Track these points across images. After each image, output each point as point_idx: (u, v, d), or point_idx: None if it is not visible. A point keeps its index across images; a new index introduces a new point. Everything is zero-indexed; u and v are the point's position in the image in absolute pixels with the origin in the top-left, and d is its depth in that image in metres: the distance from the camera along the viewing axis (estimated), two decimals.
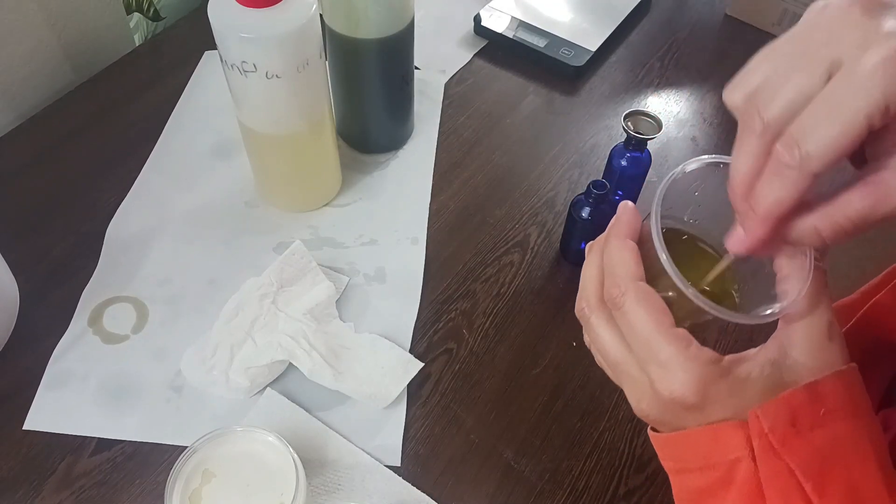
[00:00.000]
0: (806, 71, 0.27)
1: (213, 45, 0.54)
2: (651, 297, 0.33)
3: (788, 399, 0.30)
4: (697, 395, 0.31)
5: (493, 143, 0.73)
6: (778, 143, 0.27)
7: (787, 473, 0.30)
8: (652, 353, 0.32)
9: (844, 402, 0.31)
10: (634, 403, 0.35)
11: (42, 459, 0.52)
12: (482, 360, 0.58)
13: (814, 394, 0.30)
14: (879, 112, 0.25)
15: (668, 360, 0.32)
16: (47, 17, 0.72)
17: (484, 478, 0.52)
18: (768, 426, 0.30)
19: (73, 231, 0.64)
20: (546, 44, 0.79)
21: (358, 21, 0.59)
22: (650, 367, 0.32)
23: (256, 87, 0.54)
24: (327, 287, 0.58)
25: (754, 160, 0.29)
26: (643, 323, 0.32)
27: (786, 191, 0.28)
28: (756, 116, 0.28)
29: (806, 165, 0.27)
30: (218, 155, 0.70)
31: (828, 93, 0.26)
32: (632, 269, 0.33)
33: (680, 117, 0.76)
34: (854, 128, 0.25)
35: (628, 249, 0.34)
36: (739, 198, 0.30)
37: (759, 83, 0.28)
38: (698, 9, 0.87)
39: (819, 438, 0.30)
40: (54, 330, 0.57)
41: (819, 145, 0.26)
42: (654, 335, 0.32)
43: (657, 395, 0.33)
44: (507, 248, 0.65)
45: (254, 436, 0.47)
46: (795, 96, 0.27)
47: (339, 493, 0.50)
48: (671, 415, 0.33)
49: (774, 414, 0.30)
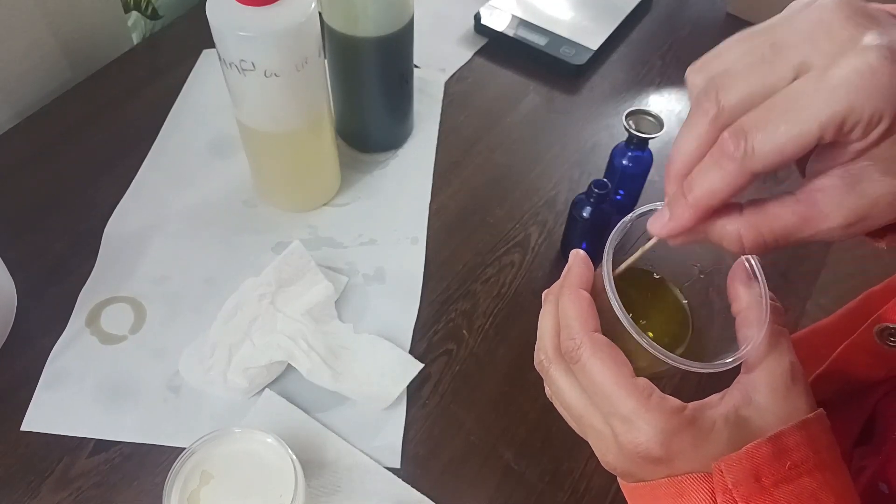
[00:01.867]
0: (774, 65, 0.26)
1: (211, 44, 0.54)
2: (607, 348, 0.32)
3: (752, 452, 0.30)
4: (662, 447, 0.31)
5: (494, 142, 0.72)
6: (726, 131, 0.26)
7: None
8: (613, 407, 0.31)
9: (809, 455, 0.30)
10: (600, 456, 0.34)
11: (39, 460, 0.51)
12: (482, 361, 0.57)
13: (778, 446, 0.30)
14: (834, 125, 0.24)
15: (630, 414, 0.31)
16: (44, 14, 0.71)
17: (484, 479, 0.52)
18: (732, 481, 0.29)
19: (71, 230, 0.64)
20: (547, 42, 0.78)
21: (357, 19, 0.58)
22: (613, 420, 0.32)
23: (255, 85, 0.53)
24: (326, 287, 0.58)
25: (699, 143, 0.27)
26: (601, 376, 0.32)
27: (722, 182, 0.27)
28: (713, 99, 0.27)
29: (748, 161, 0.26)
30: (216, 154, 0.70)
31: (789, 91, 0.25)
32: (586, 321, 0.33)
33: (681, 116, 0.76)
34: (805, 134, 0.24)
35: (582, 300, 0.34)
36: (673, 178, 0.29)
37: (724, 68, 0.27)
38: (699, 7, 0.87)
39: (784, 494, 0.29)
40: (52, 330, 0.57)
41: (766, 143, 0.25)
42: (613, 388, 0.31)
43: (622, 448, 0.32)
44: (508, 247, 0.64)
45: (252, 437, 0.46)
46: (756, 88, 0.26)
47: (339, 495, 0.50)
48: (637, 468, 0.32)
49: (738, 468, 0.30)
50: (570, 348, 0.33)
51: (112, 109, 0.73)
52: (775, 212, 0.27)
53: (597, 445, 0.34)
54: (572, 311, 0.33)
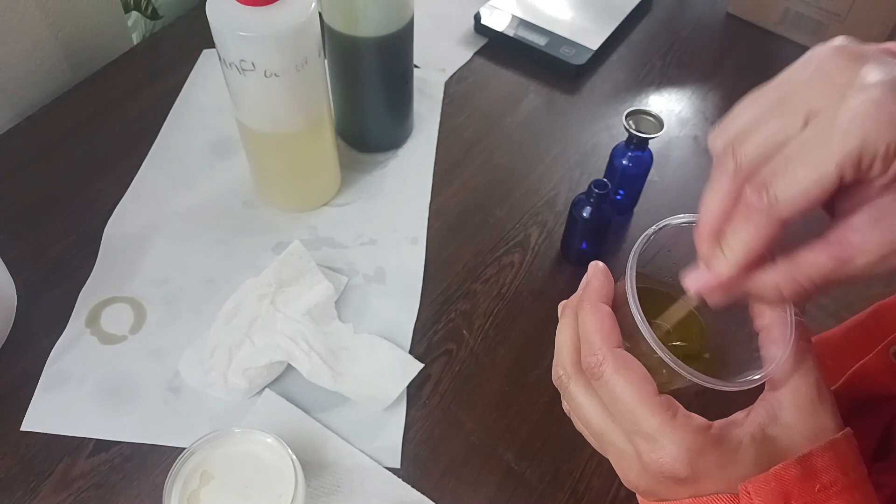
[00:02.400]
0: (784, 117, 0.27)
1: (211, 44, 0.54)
2: (631, 364, 0.31)
3: (780, 474, 0.29)
4: (688, 467, 0.30)
5: (494, 142, 0.72)
6: (747, 186, 0.27)
7: None
8: (637, 425, 0.31)
9: (838, 477, 0.29)
10: (622, 475, 0.34)
11: (40, 461, 0.51)
12: (482, 362, 0.57)
13: (807, 468, 0.29)
14: (851, 162, 0.25)
15: (655, 432, 0.30)
16: (45, 15, 0.71)
17: (484, 480, 0.52)
18: (760, 503, 0.29)
19: (71, 230, 0.64)
20: (547, 42, 0.78)
21: (357, 19, 0.58)
22: (636, 438, 0.31)
23: (255, 85, 0.53)
24: (326, 287, 0.58)
25: (722, 199, 0.28)
26: (625, 393, 0.31)
27: (755, 235, 0.27)
28: (730, 156, 0.28)
29: (774, 210, 0.26)
30: (216, 154, 0.69)
31: (802, 139, 0.26)
32: (608, 336, 0.32)
33: (682, 116, 0.75)
34: (825, 176, 0.25)
35: (603, 314, 0.33)
36: (705, 238, 0.29)
37: (740, 127, 0.28)
38: (700, 7, 0.87)
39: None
40: (52, 330, 0.57)
41: (788, 190, 0.26)
42: (637, 406, 0.31)
43: (645, 467, 0.31)
44: (508, 248, 0.64)
45: (252, 437, 0.46)
46: (771, 140, 0.27)
47: (338, 495, 0.50)
48: (661, 487, 0.32)
49: (766, 490, 0.29)
50: (593, 364, 0.32)
51: (112, 110, 0.73)
52: (809, 258, 0.28)
53: (618, 464, 0.33)
54: (593, 325, 0.33)
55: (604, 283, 0.34)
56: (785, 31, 0.82)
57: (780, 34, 0.83)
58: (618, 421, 0.32)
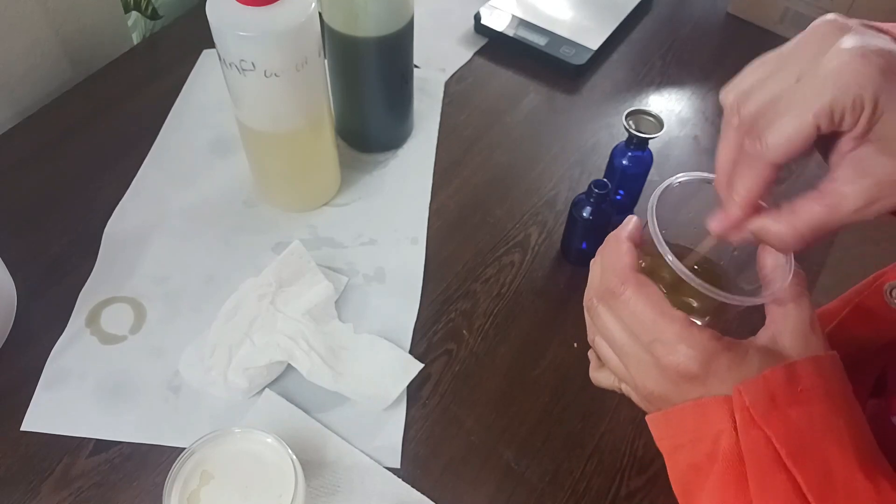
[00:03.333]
0: (781, 77, 0.31)
1: (211, 44, 0.54)
2: (650, 285, 0.36)
3: (768, 377, 0.33)
4: (701, 366, 0.34)
5: (494, 141, 0.72)
6: (746, 137, 0.32)
7: (765, 442, 0.32)
8: (657, 333, 0.35)
9: (819, 383, 0.33)
10: (640, 384, 0.37)
11: (39, 460, 0.51)
12: (482, 361, 0.57)
13: (791, 373, 0.33)
14: (825, 114, 0.29)
15: (674, 338, 0.34)
16: (45, 13, 0.71)
17: (484, 479, 0.52)
18: (749, 400, 0.33)
19: (71, 229, 0.64)
20: (546, 42, 0.78)
21: (357, 19, 0.58)
22: (655, 346, 0.35)
23: (255, 85, 0.53)
24: (326, 287, 0.58)
25: (729, 150, 0.34)
26: (646, 307, 0.35)
27: (753, 179, 0.33)
28: (736, 113, 0.32)
29: (766, 155, 0.31)
30: (216, 153, 0.70)
31: (789, 93, 0.30)
32: (629, 263, 0.37)
33: (682, 116, 0.75)
34: (804, 126, 0.30)
35: (626, 246, 0.37)
36: (721, 186, 0.35)
37: (744, 87, 0.33)
38: (700, 7, 0.87)
39: (795, 414, 0.33)
40: (52, 329, 0.57)
41: (776, 138, 0.31)
42: (657, 317, 0.35)
43: (663, 371, 0.35)
44: (508, 247, 0.64)
45: (252, 437, 0.46)
46: (768, 97, 0.31)
47: (338, 495, 0.50)
48: (674, 388, 0.35)
49: (755, 389, 0.33)
50: (614, 285, 0.36)
51: (112, 109, 0.73)
52: (805, 208, 0.32)
53: (637, 373, 0.37)
54: (615, 255, 0.37)
55: (632, 228, 0.39)
56: (785, 31, 0.82)
57: (780, 34, 0.83)
58: (638, 334, 0.36)
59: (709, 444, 0.34)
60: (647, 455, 0.53)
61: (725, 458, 0.33)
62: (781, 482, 0.31)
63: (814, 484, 0.31)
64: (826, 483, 0.31)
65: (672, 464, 0.37)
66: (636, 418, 0.55)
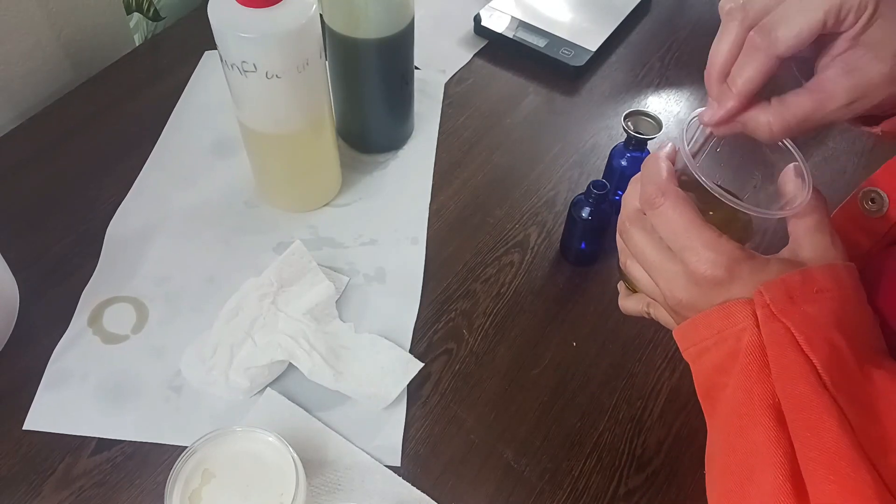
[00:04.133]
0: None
1: (213, 45, 0.54)
2: (687, 199, 0.38)
3: (786, 279, 0.36)
4: (727, 271, 0.36)
5: (493, 142, 0.73)
6: (753, 31, 0.34)
7: (784, 331, 0.34)
8: (689, 240, 0.37)
9: (832, 286, 0.36)
10: (669, 293, 0.39)
11: (41, 459, 0.52)
12: (482, 361, 0.58)
13: (807, 276, 0.36)
14: (834, 11, 0.32)
15: (704, 245, 0.36)
16: (47, 15, 0.71)
17: (484, 478, 0.52)
18: (770, 298, 0.35)
19: (73, 230, 0.64)
20: (546, 44, 0.79)
21: (358, 21, 0.59)
22: (686, 253, 0.37)
23: (256, 86, 0.54)
24: (327, 287, 0.58)
25: (731, 44, 0.36)
26: (681, 217, 0.37)
27: (756, 70, 0.35)
28: (741, 8, 0.35)
29: (773, 48, 0.34)
30: (218, 154, 0.70)
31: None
32: (668, 178, 0.39)
33: (680, 117, 0.76)
34: (815, 21, 0.33)
35: (665, 163, 0.40)
36: (714, 78, 0.37)
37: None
38: (699, 8, 0.87)
39: (811, 310, 0.35)
40: (54, 329, 0.57)
41: (785, 31, 0.33)
42: (690, 226, 0.37)
43: (691, 276, 0.37)
44: (507, 247, 0.65)
45: (254, 436, 0.46)
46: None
47: (339, 494, 0.50)
48: (702, 294, 0.38)
49: (775, 289, 0.35)
50: (653, 195, 0.38)
51: (114, 110, 0.73)
52: (794, 100, 0.35)
53: (666, 285, 0.39)
54: (656, 169, 0.39)
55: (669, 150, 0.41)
56: None
57: None
58: (671, 243, 0.38)
59: (732, 342, 0.36)
60: (646, 454, 0.53)
61: (748, 350, 0.35)
62: (800, 364, 0.34)
63: (827, 365, 0.33)
64: (837, 366, 0.34)
65: (698, 370, 0.39)
66: (635, 417, 0.55)
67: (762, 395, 0.35)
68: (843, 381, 0.34)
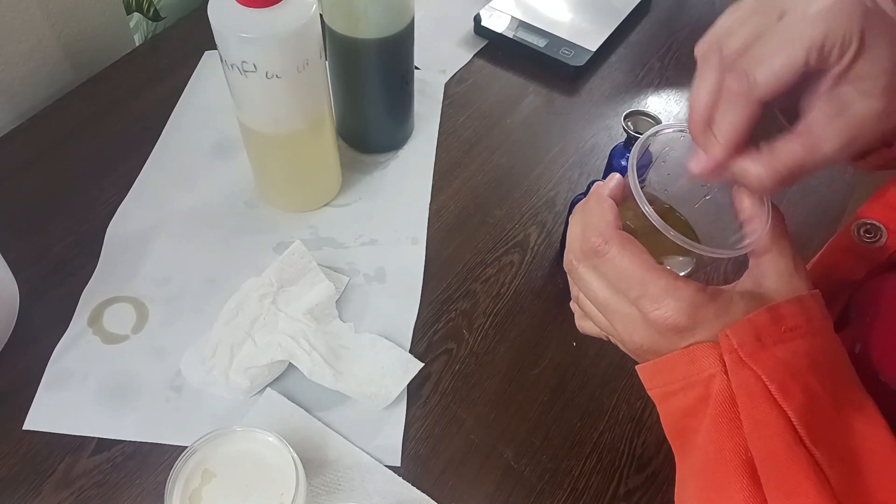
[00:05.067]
0: (762, 15, 0.31)
1: (213, 45, 0.54)
2: (634, 242, 0.36)
3: (753, 319, 0.34)
4: (689, 318, 0.34)
5: (493, 142, 0.73)
6: (728, 75, 0.32)
7: (755, 379, 0.33)
8: (644, 289, 0.35)
9: (802, 323, 0.34)
10: (627, 337, 0.37)
11: (42, 459, 0.52)
12: (482, 361, 0.58)
13: (775, 314, 0.34)
14: (817, 47, 0.29)
15: (661, 292, 0.35)
16: (47, 16, 0.72)
17: (484, 478, 0.52)
18: (737, 342, 0.33)
19: (73, 230, 0.64)
20: (546, 44, 0.79)
21: (358, 21, 0.59)
22: (642, 301, 0.35)
23: (256, 87, 0.54)
24: (327, 287, 0.58)
25: (709, 90, 0.33)
26: (632, 264, 0.35)
27: (739, 117, 0.32)
28: (716, 52, 0.32)
29: (754, 92, 0.31)
30: (218, 154, 0.70)
31: (777, 30, 0.31)
32: (611, 222, 0.37)
33: (680, 117, 0.76)
34: (795, 59, 0.30)
35: (607, 204, 0.38)
36: (698, 126, 0.34)
37: (723, 30, 0.33)
38: (699, 8, 0.87)
39: (781, 352, 0.33)
40: (54, 330, 0.57)
41: (764, 73, 0.31)
42: (644, 273, 0.35)
43: (651, 325, 0.35)
44: (507, 248, 0.65)
45: (254, 436, 0.47)
46: (750, 35, 0.31)
47: (339, 493, 0.50)
48: (663, 340, 0.36)
49: (742, 332, 0.34)
50: (598, 244, 0.36)
51: (114, 111, 0.73)
52: (784, 148, 0.32)
53: (623, 328, 0.37)
54: (598, 213, 0.37)
55: (614, 185, 0.39)
56: None
57: None
58: (623, 291, 0.36)
59: (701, 388, 0.35)
60: (646, 454, 0.53)
61: (717, 400, 0.34)
62: (772, 416, 0.32)
63: (801, 414, 0.32)
64: (812, 413, 0.32)
65: (664, 410, 0.38)
66: (635, 417, 0.55)
67: (734, 449, 0.33)
68: (821, 431, 0.32)
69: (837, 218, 0.68)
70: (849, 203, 0.69)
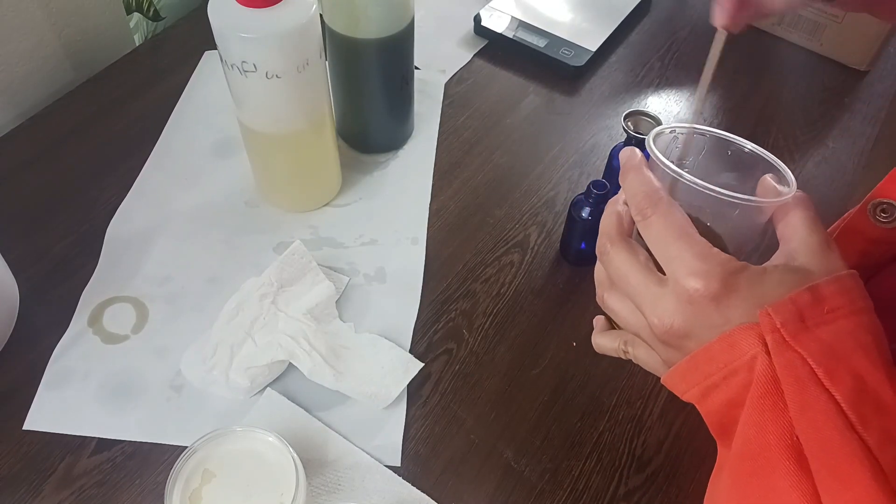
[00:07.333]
0: None
1: (213, 45, 0.54)
2: (678, 209, 0.36)
3: (795, 299, 0.33)
4: (722, 283, 0.34)
5: (494, 142, 0.73)
6: None
7: (801, 362, 0.32)
8: (682, 251, 0.35)
9: (843, 303, 0.33)
10: (657, 321, 0.36)
11: (42, 459, 0.52)
12: (482, 360, 0.58)
13: (816, 295, 0.33)
14: None
15: (696, 257, 0.34)
16: (48, 15, 0.72)
17: (484, 478, 0.52)
18: (780, 321, 0.32)
19: (74, 230, 0.64)
20: (546, 44, 0.79)
21: (358, 21, 0.59)
22: (675, 264, 0.35)
23: (256, 86, 0.54)
24: (327, 287, 0.58)
25: None
26: (670, 229, 0.35)
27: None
28: None
29: None
30: (218, 154, 0.70)
31: None
32: (657, 188, 0.37)
33: (680, 117, 0.76)
34: None
35: (648, 176, 0.38)
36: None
37: None
38: (699, 8, 0.87)
39: (825, 333, 0.32)
40: (54, 329, 0.57)
41: None
42: (683, 236, 0.35)
43: (682, 294, 0.34)
44: (507, 248, 0.65)
45: (254, 436, 0.47)
46: None
47: (339, 493, 0.50)
48: (695, 313, 0.35)
49: (784, 311, 0.32)
50: (645, 206, 0.36)
51: (114, 110, 0.73)
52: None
53: (653, 313, 0.36)
54: (641, 181, 0.38)
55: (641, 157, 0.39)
56: (783, 33, 0.83)
57: (779, 35, 0.83)
58: (658, 257, 0.36)
59: (745, 373, 0.33)
60: (646, 454, 0.53)
61: (760, 380, 0.32)
62: (821, 401, 0.31)
63: (851, 399, 0.31)
64: (862, 398, 0.31)
65: (707, 408, 0.36)
66: (635, 417, 0.55)
67: (778, 433, 0.31)
68: (873, 416, 0.31)
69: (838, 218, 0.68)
70: (849, 203, 0.69)
